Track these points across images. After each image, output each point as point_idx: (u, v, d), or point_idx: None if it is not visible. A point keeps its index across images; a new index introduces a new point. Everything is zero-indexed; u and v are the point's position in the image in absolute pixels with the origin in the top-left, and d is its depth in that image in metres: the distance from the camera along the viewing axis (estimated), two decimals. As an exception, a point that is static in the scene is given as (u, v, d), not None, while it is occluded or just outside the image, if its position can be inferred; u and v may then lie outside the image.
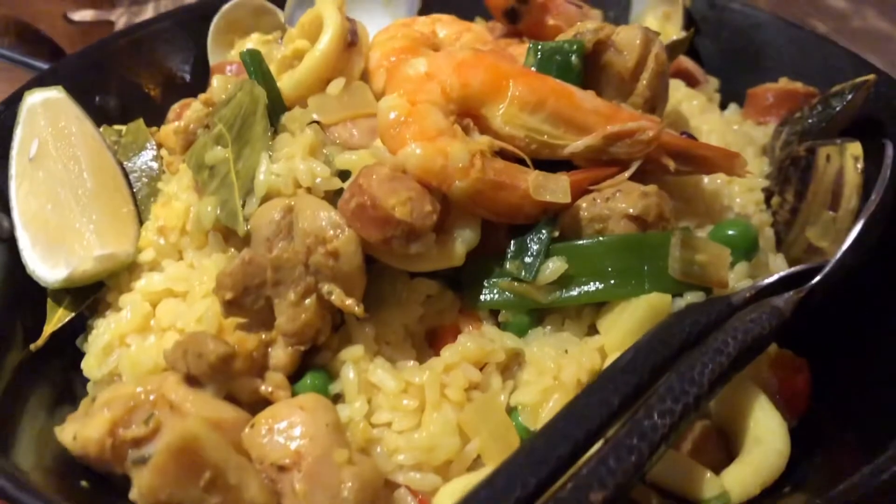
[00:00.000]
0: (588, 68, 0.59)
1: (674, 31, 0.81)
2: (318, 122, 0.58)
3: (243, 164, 0.55)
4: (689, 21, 0.82)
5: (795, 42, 0.76)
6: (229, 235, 0.56)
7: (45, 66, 0.79)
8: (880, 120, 0.65)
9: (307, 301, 0.49)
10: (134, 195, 0.66)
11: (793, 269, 0.54)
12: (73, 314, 0.59)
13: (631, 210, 0.52)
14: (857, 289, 0.55)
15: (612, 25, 0.60)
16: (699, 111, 0.69)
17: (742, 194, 0.61)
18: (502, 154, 0.54)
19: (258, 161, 0.54)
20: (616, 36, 0.59)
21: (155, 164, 0.67)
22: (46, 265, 0.59)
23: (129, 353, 0.55)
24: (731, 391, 0.48)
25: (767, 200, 0.63)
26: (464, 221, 0.52)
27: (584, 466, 0.40)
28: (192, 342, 0.48)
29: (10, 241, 0.61)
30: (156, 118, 0.77)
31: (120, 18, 1.32)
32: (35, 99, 0.65)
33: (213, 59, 0.84)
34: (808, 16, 1.29)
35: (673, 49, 0.73)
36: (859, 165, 0.57)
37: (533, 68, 0.58)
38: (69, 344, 0.61)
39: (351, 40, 0.62)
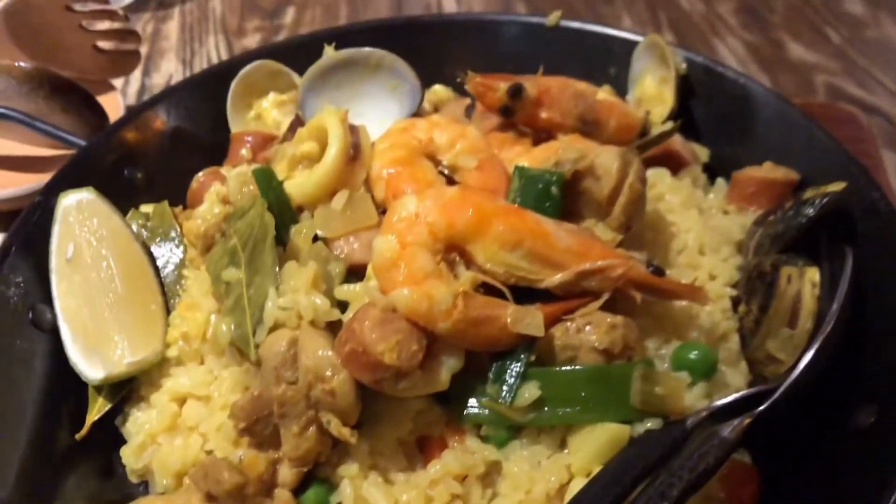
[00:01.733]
0: (568, 192, 0.64)
1: (669, 97, 0.84)
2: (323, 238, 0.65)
3: (255, 292, 0.61)
4: (685, 86, 0.85)
5: (784, 120, 0.79)
6: (242, 354, 0.63)
7: (78, 141, 0.85)
8: (850, 221, 0.69)
9: (309, 431, 0.56)
10: (161, 282, 0.73)
11: (745, 392, 0.60)
12: (111, 405, 0.68)
13: (597, 344, 0.58)
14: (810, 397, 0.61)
15: (594, 148, 0.65)
16: (680, 206, 0.73)
17: (711, 303, 0.66)
18: (485, 285, 0.60)
19: (267, 292, 0.61)
20: (596, 160, 0.64)
21: (179, 251, 0.74)
22: (86, 363, 0.67)
23: (160, 452, 0.63)
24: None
25: (736, 305, 0.68)
26: (449, 350, 0.58)
27: None
28: (212, 467, 0.56)
29: (54, 332, 0.69)
30: (180, 181, 0.84)
31: (147, 25, 1.37)
32: (69, 201, 0.72)
33: (232, 119, 0.89)
34: (825, 23, 1.29)
35: (661, 137, 0.77)
36: (816, 291, 0.62)
37: (516, 192, 0.64)
38: (108, 423, 0.69)
39: (353, 154, 0.68)
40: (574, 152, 0.64)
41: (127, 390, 0.69)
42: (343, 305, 0.62)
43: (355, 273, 0.64)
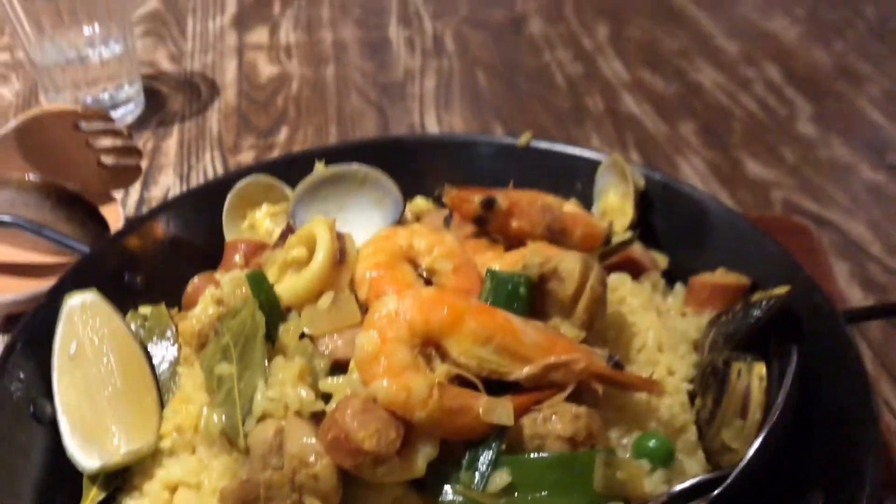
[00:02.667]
0: (535, 293, 0.70)
1: (630, 209, 0.92)
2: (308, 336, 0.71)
3: (245, 385, 0.66)
4: (645, 200, 0.93)
5: (736, 230, 0.86)
6: (232, 443, 0.67)
7: (82, 247, 0.91)
8: (795, 320, 0.75)
9: None
10: (156, 377, 0.78)
11: (701, 478, 0.64)
12: (104, 494, 0.71)
13: (563, 433, 0.63)
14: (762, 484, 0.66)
15: (559, 254, 0.72)
16: (640, 308, 0.79)
17: (669, 397, 0.71)
18: (459, 377, 0.65)
19: (256, 385, 0.65)
20: (560, 264, 0.70)
21: (174, 349, 0.79)
22: (83, 453, 0.70)
23: (151, 539, 0.67)
24: None
25: (692, 398, 0.73)
26: (424, 439, 0.63)
27: None
28: None
29: (53, 425, 0.73)
30: (177, 285, 0.89)
31: (147, 142, 1.46)
32: (74, 302, 0.77)
33: (227, 228, 0.95)
34: (780, 143, 1.39)
35: (622, 245, 0.85)
36: (763, 385, 0.67)
37: (488, 292, 0.70)
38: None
39: (340, 259, 0.74)
40: (540, 257, 0.71)
41: (120, 480, 0.72)
42: (327, 398, 0.67)
43: (339, 367, 0.69)
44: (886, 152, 1.37)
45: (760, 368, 0.68)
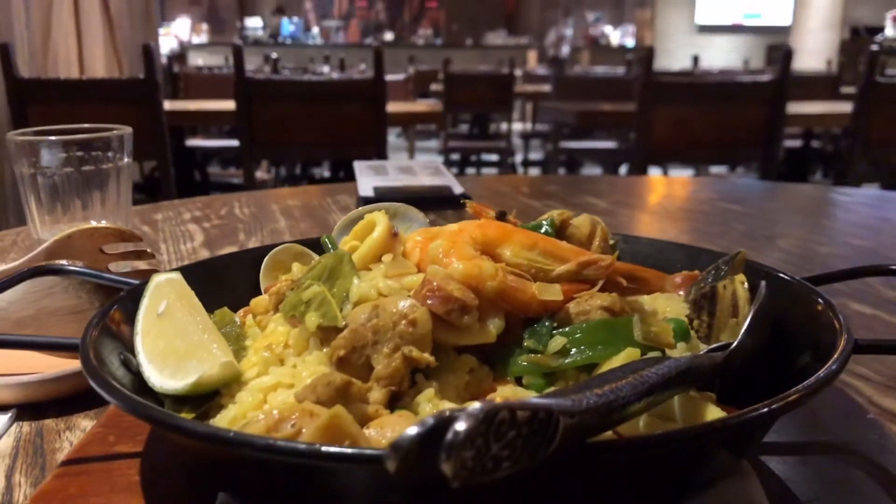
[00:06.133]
0: (558, 237, 0.89)
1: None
2: (377, 276, 0.85)
3: (337, 290, 0.79)
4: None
5: (689, 255, 1.08)
6: (326, 339, 0.77)
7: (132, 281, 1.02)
8: (756, 271, 0.94)
9: (397, 353, 0.71)
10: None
11: (715, 345, 0.79)
12: (193, 416, 0.77)
13: (602, 304, 0.78)
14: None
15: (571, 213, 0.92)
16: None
17: (675, 304, 0.87)
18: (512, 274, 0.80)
19: (349, 286, 0.78)
20: (573, 220, 0.90)
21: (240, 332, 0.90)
22: (174, 379, 0.78)
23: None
24: None
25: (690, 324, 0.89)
26: (493, 312, 0.76)
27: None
28: (320, 377, 0.68)
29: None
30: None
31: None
32: (161, 278, 0.88)
33: (263, 287, 1.09)
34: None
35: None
36: (745, 285, 0.85)
37: (522, 237, 0.88)
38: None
39: (395, 232, 0.91)
40: (557, 210, 0.90)
41: (207, 407, 0.78)
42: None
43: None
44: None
45: (741, 277, 0.86)
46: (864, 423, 0.88)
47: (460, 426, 0.44)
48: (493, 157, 10.16)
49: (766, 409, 0.60)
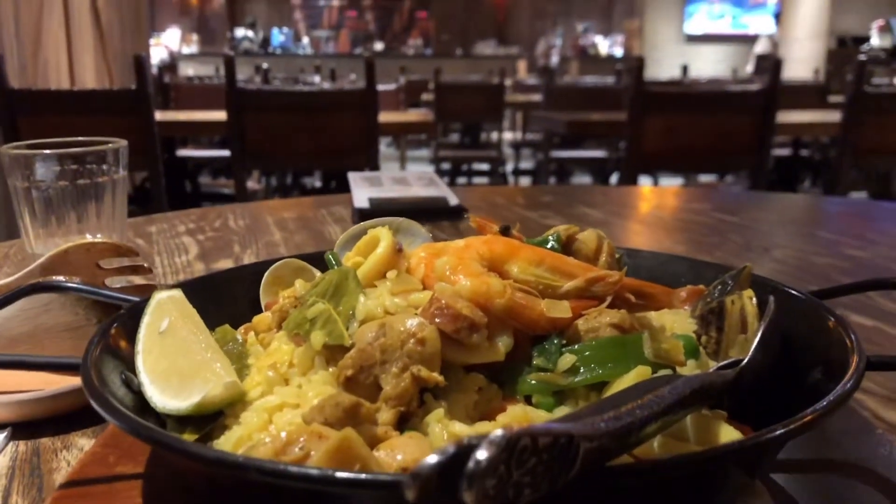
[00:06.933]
0: (564, 252, 0.88)
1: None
2: (382, 293, 0.83)
3: (343, 308, 0.78)
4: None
5: (693, 268, 1.08)
6: (331, 358, 0.76)
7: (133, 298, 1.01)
8: (762, 286, 0.94)
9: (406, 373, 0.70)
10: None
11: (725, 362, 0.78)
12: (196, 437, 0.75)
13: (612, 321, 0.77)
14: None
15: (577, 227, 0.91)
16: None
17: (683, 320, 0.86)
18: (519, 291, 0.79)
19: (355, 304, 0.77)
20: (579, 235, 0.89)
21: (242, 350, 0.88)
22: (177, 399, 0.76)
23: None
24: None
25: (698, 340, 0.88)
26: (502, 329, 0.75)
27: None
28: (328, 398, 0.66)
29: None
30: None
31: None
32: (162, 295, 0.87)
33: (263, 302, 1.08)
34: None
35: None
36: (753, 301, 0.85)
37: (528, 253, 0.87)
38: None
39: (399, 248, 0.90)
40: (564, 226, 0.89)
41: (210, 428, 0.77)
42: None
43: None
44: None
45: (749, 292, 0.86)
46: (873, 439, 0.87)
47: (482, 454, 0.43)
48: (485, 167, 10.16)
49: (783, 430, 0.59)
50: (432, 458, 0.43)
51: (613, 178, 8.07)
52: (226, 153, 6.02)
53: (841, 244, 2.01)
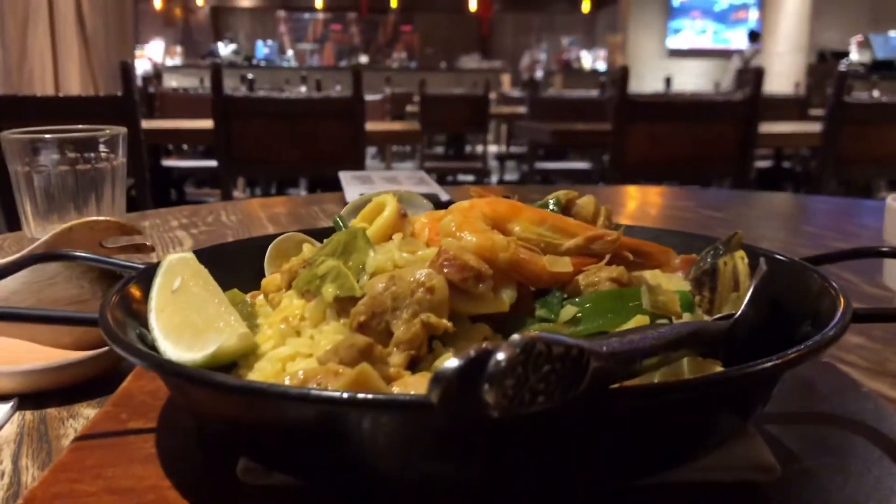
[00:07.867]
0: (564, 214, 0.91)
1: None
2: (389, 253, 0.86)
3: (353, 263, 0.80)
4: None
5: (685, 241, 1.11)
6: (342, 310, 0.79)
7: (137, 265, 1.03)
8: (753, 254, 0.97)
9: (416, 320, 0.72)
10: (240, 327, 0.88)
11: (719, 315, 0.81)
12: (210, 386, 0.78)
13: (610, 276, 0.80)
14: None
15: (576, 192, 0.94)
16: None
17: (678, 281, 0.90)
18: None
19: (366, 257, 0.80)
20: (578, 199, 0.93)
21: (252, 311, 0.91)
22: (192, 352, 0.78)
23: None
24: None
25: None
26: (506, 282, 0.78)
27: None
28: (343, 340, 0.69)
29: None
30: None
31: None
32: (174, 258, 0.89)
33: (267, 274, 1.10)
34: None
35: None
36: (745, 260, 0.88)
37: (529, 216, 0.90)
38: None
39: (403, 213, 0.93)
40: (563, 190, 0.93)
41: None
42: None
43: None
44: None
45: (740, 252, 0.89)
46: (859, 395, 0.90)
47: (501, 356, 0.46)
48: (469, 178, 10.21)
49: (777, 361, 0.62)
50: (453, 363, 0.46)
51: (597, 189, 8.12)
52: (211, 163, 6.02)
53: (825, 237, 2.06)
